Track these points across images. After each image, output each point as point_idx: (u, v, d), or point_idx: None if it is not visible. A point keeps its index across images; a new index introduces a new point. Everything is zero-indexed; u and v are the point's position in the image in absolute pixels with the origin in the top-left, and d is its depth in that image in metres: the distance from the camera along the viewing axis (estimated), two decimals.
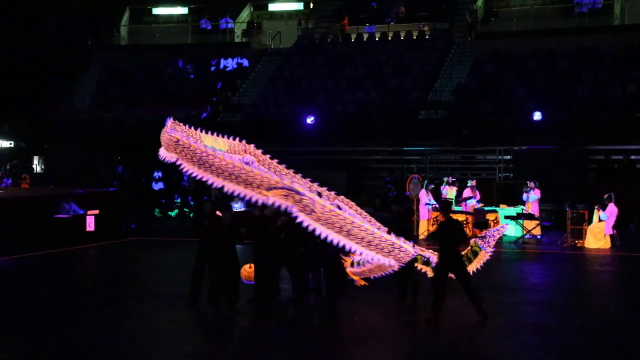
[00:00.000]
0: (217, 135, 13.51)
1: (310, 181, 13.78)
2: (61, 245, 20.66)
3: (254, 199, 11.95)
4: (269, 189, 11.81)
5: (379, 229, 12.52)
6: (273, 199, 11.82)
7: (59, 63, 38.61)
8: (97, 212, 22.73)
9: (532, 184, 23.23)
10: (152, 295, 14.62)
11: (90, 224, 22.44)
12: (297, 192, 11.72)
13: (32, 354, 10.82)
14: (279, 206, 11.76)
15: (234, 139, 13.52)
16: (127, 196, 26.79)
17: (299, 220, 11.76)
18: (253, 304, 12.96)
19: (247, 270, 13.49)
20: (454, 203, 23.20)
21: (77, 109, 37.46)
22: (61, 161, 32.86)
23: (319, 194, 12.76)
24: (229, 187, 12.05)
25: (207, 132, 13.62)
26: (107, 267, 19.29)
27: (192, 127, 13.32)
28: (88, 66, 40.34)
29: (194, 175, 12.35)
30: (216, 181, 12.12)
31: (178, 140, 12.33)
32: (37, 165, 35.73)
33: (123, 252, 21.38)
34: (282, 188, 11.74)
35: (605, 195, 21.06)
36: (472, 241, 14.05)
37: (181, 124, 13.16)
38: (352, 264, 13.41)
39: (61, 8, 40.36)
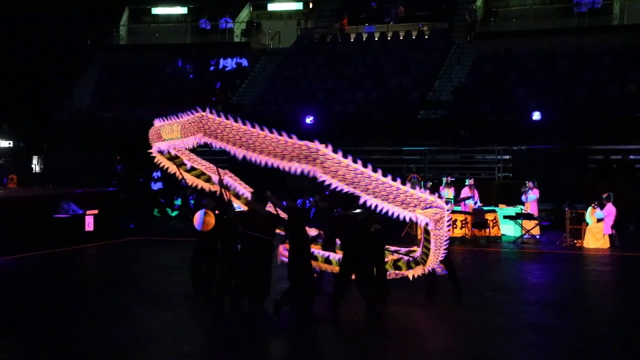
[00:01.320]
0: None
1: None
2: (60, 245, 20.68)
3: (279, 166, 12.25)
4: (292, 158, 12.09)
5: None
6: (297, 165, 12.10)
7: (58, 63, 38.65)
8: (96, 212, 22.75)
9: (530, 184, 23.27)
10: (151, 295, 14.61)
11: (89, 224, 22.46)
12: (318, 150, 12.04)
13: (32, 353, 10.83)
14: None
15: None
16: (126, 196, 26.80)
17: (325, 182, 12.02)
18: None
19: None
20: (452, 202, 23.22)
21: (77, 108, 37.45)
22: (60, 161, 32.90)
23: None
24: (253, 156, 12.36)
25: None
26: (106, 267, 19.31)
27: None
28: (87, 66, 40.38)
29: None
30: (240, 151, 12.37)
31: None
32: (36, 165, 35.74)
33: (122, 252, 21.39)
34: (305, 150, 12.05)
35: (604, 195, 21.13)
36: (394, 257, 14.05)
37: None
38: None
39: (61, 8, 40.36)
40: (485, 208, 23.36)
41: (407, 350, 10.98)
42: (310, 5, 42.46)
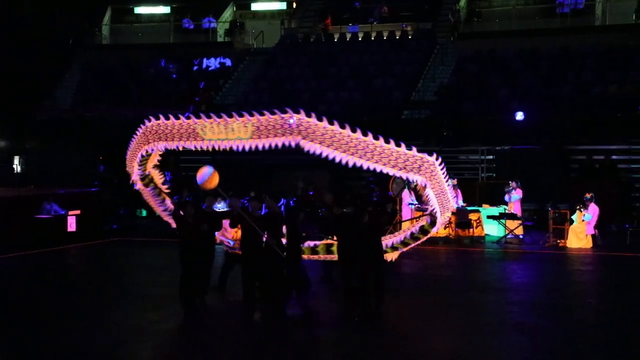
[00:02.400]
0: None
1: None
2: (42, 246, 20.56)
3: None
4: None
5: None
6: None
7: (40, 62, 38.37)
8: (78, 212, 22.61)
9: (514, 184, 23.31)
10: (135, 295, 14.55)
11: (71, 225, 22.31)
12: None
13: (15, 355, 10.74)
14: None
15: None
16: (108, 196, 26.63)
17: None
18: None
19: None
20: None
21: (59, 108, 37.19)
22: (42, 161, 32.69)
23: None
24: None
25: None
26: (89, 267, 19.22)
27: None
28: (70, 65, 40.10)
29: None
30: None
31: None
32: (17, 165, 35.50)
33: (105, 252, 21.28)
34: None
35: (587, 196, 21.18)
36: None
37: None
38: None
39: (43, 7, 40.11)
40: (468, 208, 23.37)
41: (393, 350, 10.98)
42: (294, 5, 42.40)
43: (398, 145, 12.92)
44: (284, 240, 12.97)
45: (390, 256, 14.64)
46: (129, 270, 18.20)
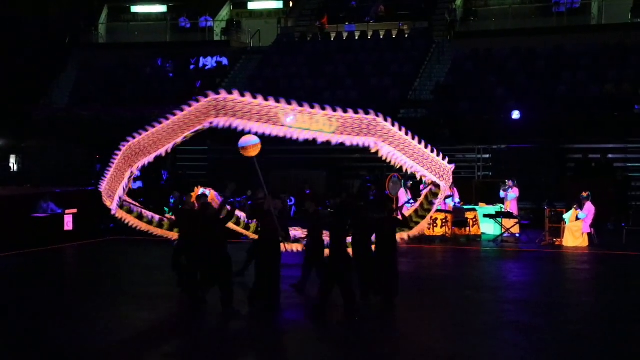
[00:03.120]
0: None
1: None
2: (39, 245, 20.55)
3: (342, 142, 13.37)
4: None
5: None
6: (356, 139, 13.58)
7: (36, 61, 38.37)
8: (75, 211, 22.58)
9: (510, 183, 23.36)
10: (131, 294, 14.55)
11: (68, 223, 22.29)
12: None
13: (7, 354, 10.73)
14: None
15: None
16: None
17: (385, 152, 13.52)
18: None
19: None
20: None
21: (55, 107, 37.21)
22: (39, 160, 32.66)
23: None
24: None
25: None
26: (86, 266, 19.21)
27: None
28: (66, 64, 40.12)
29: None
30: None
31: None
32: (14, 164, 35.47)
33: (101, 251, 21.26)
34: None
35: (584, 194, 21.20)
36: None
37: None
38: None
39: (39, 6, 40.09)
40: (465, 207, 23.39)
41: (388, 349, 11.01)
42: (291, 4, 42.45)
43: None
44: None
45: (400, 236, 14.97)
46: (125, 269, 18.19)
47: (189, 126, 13.07)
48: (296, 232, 15.55)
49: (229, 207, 13.14)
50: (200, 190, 15.48)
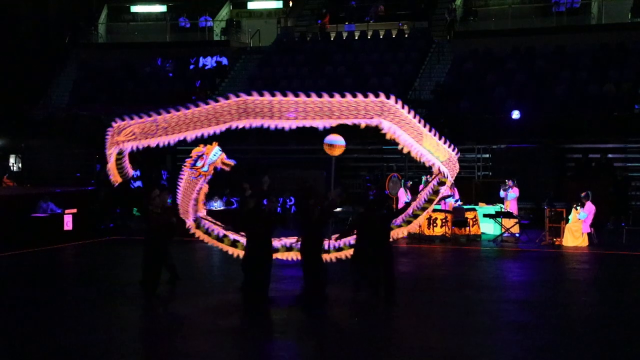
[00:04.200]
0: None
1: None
2: (38, 245, 20.59)
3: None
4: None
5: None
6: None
7: (36, 61, 38.38)
8: (75, 211, 22.61)
9: (510, 182, 23.42)
10: (130, 295, 14.54)
11: (68, 223, 22.32)
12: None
13: (6, 354, 10.75)
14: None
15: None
16: (105, 195, 26.61)
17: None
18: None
19: None
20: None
21: (55, 107, 37.22)
22: (38, 159, 32.65)
23: None
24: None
25: None
26: (85, 266, 19.20)
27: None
28: (66, 64, 40.14)
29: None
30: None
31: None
32: (14, 164, 35.49)
33: (101, 251, 21.27)
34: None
35: (583, 194, 21.25)
36: None
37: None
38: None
39: (38, 5, 40.12)
40: (465, 206, 23.42)
41: (386, 347, 11.04)
42: (290, 4, 42.50)
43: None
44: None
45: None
46: (125, 269, 18.18)
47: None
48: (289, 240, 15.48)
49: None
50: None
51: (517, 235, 22.34)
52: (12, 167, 35.15)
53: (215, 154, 13.99)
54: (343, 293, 14.31)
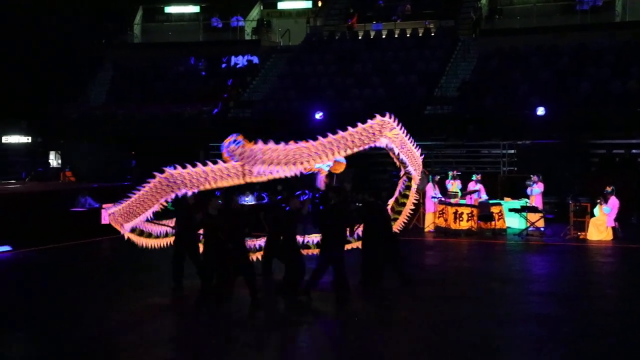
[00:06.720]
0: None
1: None
2: (77, 238, 21.03)
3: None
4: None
5: None
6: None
7: (74, 62, 39.12)
8: (111, 205, 23.11)
9: (535, 178, 23.56)
10: (166, 286, 14.76)
11: (105, 218, 22.77)
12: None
13: (37, 344, 11.05)
14: None
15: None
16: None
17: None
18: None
19: None
20: (459, 195, 23.71)
21: (92, 106, 38.02)
22: (76, 156, 33.37)
23: None
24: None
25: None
26: (122, 259, 19.10)
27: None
28: (102, 65, 40.93)
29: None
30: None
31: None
32: (53, 160, 36.28)
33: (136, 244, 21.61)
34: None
35: (608, 189, 21.27)
36: None
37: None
38: None
39: (75, 8, 40.84)
40: (490, 201, 23.60)
41: (408, 340, 11.29)
42: (319, 4, 42.90)
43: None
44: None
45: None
46: (160, 261, 18.33)
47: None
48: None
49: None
50: None
51: (542, 229, 22.38)
52: (51, 163, 35.93)
53: None
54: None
